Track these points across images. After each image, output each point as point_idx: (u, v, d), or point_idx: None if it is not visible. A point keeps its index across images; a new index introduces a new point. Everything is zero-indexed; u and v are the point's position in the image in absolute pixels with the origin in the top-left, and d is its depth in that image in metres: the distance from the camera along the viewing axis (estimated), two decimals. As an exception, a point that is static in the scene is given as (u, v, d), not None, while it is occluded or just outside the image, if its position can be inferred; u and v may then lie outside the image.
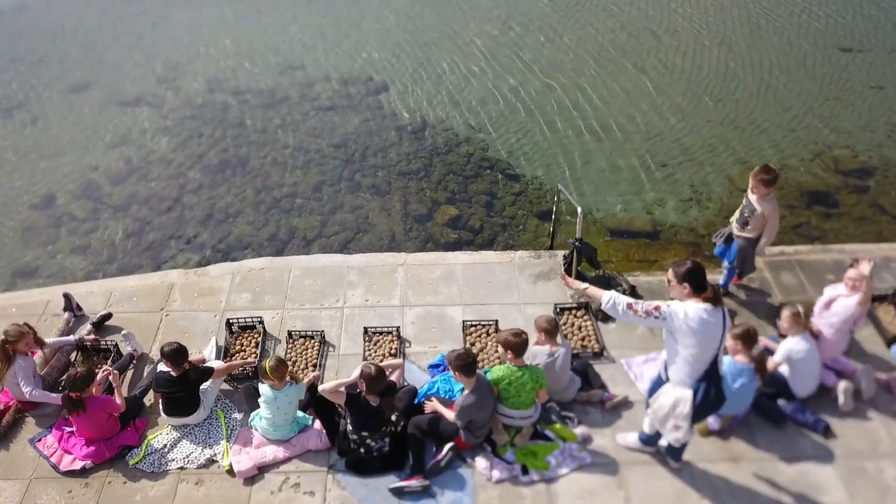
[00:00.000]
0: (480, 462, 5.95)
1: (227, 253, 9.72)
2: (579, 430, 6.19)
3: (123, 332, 6.88)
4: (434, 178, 10.92)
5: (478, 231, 9.92)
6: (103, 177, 11.13)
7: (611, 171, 11.26)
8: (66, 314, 7.23)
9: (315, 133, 12.02)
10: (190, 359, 6.45)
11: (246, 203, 10.47)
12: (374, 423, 5.86)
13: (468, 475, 5.91)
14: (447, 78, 13.84)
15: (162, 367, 6.45)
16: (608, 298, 4.85)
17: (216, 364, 6.43)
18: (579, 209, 7.08)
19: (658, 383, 5.29)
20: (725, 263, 7.24)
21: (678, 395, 5.01)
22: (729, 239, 7.08)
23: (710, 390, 4.98)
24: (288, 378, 5.90)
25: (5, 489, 5.85)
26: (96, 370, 6.20)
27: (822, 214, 10.32)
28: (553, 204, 10.42)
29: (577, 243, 7.27)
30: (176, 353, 5.88)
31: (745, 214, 6.74)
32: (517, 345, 5.67)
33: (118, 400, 6.04)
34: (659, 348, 6.90)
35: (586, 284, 5.18)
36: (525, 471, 5.90)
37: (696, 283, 4.77)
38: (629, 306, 4.77)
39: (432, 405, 6.17)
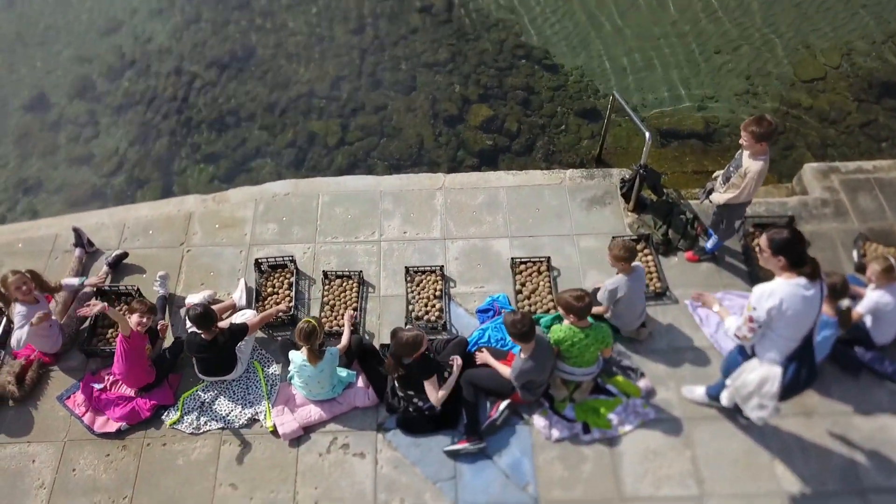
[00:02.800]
0: (539, 421, 5.62)
1: (243, 163, 8.92)
2: (642, 384, 5.80)
3: (160, 273, 6.31)
4: (464, 71, 9.83)
5: (515, 135, 9.03)
6: (97, 72, 10.04)
7: (658, 60, 10.12)
8: (78, 250, 6.64)
9: (328, 16, 10.70)
10: (220, 305, 5.97)
11: (258, 104, 9.48)
12: (417, 385, 5.45)
13: (526, 434, 5.60)
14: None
15: (192, 298, 6.04)
16: (730, 326, 4.62)
17: (250, 316, 5.93)
18: (647, 134, 6.23)
19: (736, 357, 4.80)
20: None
21: (765, 373, 4.54)
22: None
23: (801, 369, 4.53)
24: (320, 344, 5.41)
25: (39, 453, 5.57)
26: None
27: (892, 110, 9.35)
28: (595, 101, 9.53)
29: (641, 171, 6.49)
30: (203, 319, 5.34)
31: (731, 169, 5.70)
32: (580, 309, 5.14)
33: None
34: (725, 286, 6.42)
35: (717, 305, 4.82)
36: (586, 429, 5.58)
37: (794, 257, 4.23)
38: (738, 337, 4.54)
39: (483, 357, 5.75)
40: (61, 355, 6.04)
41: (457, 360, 5.62)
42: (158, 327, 5.90)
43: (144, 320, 5.51)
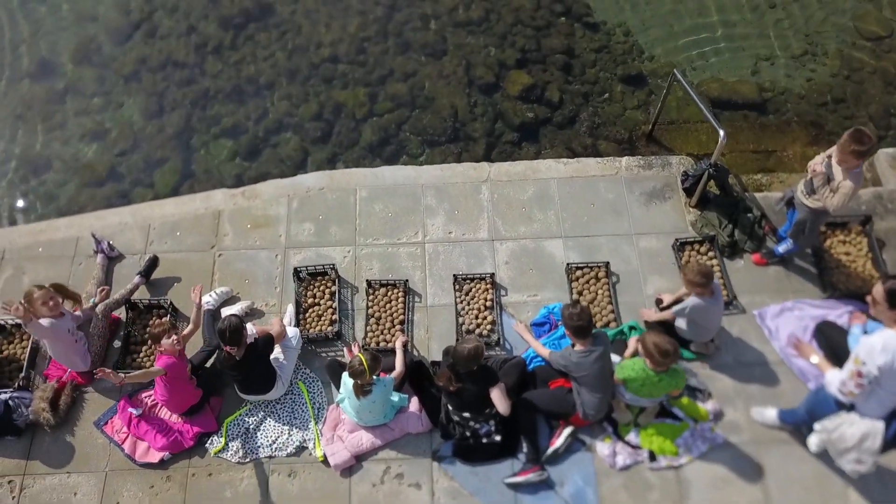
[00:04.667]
0: (602, 448, 5.36)
1: (265, 138, 8.32)
2: (710, 406, 5.51)
3: (223, 289, 6.00)
4: (498, 31, 9.06)
5: (556, 105, 8.38)
6: (102, 32, 9.26)
7: (706, 15, 9.31)
8: (99, 257, 6.21)
9: (347, -35, 9.80)
10: (261, 329, 5.56)
11: (278, 70, 8.77)
12: (473, 405, 5.16)
13: (588, 461, 5.34)
14: None
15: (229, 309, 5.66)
16: (831, 381, 4.28)
17: (275, 325, 5.50)
18: (721, 133, 5.66)
19: (829, 402, 4.46)
20: (783, 229, 6.00)
21: (867, 429, 4.23)
22: (792, 203, 5.65)
23: None
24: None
25: (80, 484, 5.34)
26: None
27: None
28: (640, 65, 8.85)
29: (712, 170, 5.97)
30: (231, 334, 4.96)
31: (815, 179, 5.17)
32: (663, 363, 4.77)
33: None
34: (795, 292, 6.02)
35: (816, 357, 4.52)
36: (652, 457, 5.32)
37: None
38: (843, 393, 4.20)
39: (520, 330, 5.70)
40: (95, 375, 5.71)
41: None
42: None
43: (175, 338, 5.12)
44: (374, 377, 5.03)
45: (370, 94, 8.55)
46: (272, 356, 5.42)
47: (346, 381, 5.15)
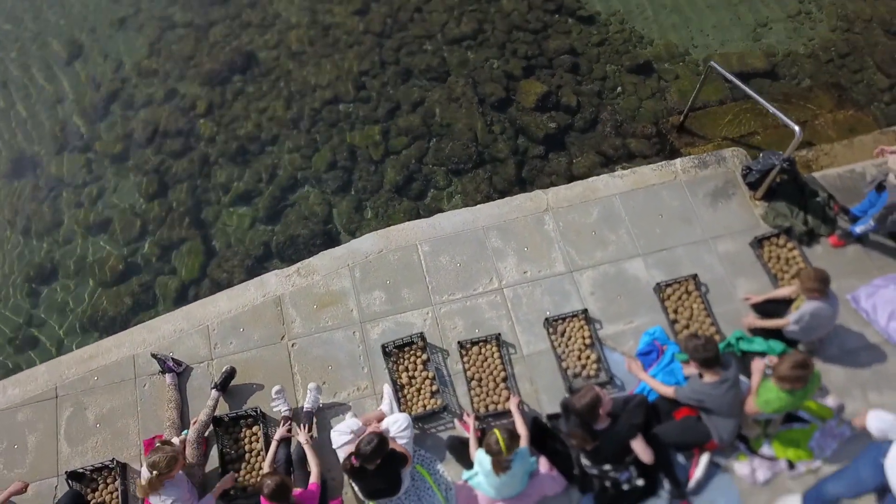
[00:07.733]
0: (740, 468, 5.29)
1: (282, 198, 7.86)
2: (831, 402, 5.47)
3: (275, 388, 5.51)
4: (497, 41, 8.74)
5: (575, 109, 8.16)
6: (76, 113, 8.55)
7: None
8: (168, 377, 5.72)
9: (321, -3, 9.29)
10: (367, 416, 5.25)
11: (279, 122, 8.27)
12: (613, 455, 4.99)
13: (729, 483, 5.26)
14: None
15: (340, 434, 5.25)
16: None
17: (402, 422, 5.18)
18: (797, 129, 5.54)
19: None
20: (869, 210, 5.93)
21: None
22: (881, 187, 5.68)
23: None
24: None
25: None
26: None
27: (951, 6, 8.81)
28: (642, 51, 8.66)
29: (785, 164, 5.86)
30: (375, 453, 4.66)
31: None
32: (804, 378, 4.67)
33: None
34: (879, 269, 6.02)
35: None
36: (791, 465, 5.26)
37: None
38: None
39: (635, 370, 5.48)
40: (199, 509, 5.30)
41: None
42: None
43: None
44: (509, 450, 4.79)
45: (383, 132, 8.16)
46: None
47: (483, 459, 4.88)
